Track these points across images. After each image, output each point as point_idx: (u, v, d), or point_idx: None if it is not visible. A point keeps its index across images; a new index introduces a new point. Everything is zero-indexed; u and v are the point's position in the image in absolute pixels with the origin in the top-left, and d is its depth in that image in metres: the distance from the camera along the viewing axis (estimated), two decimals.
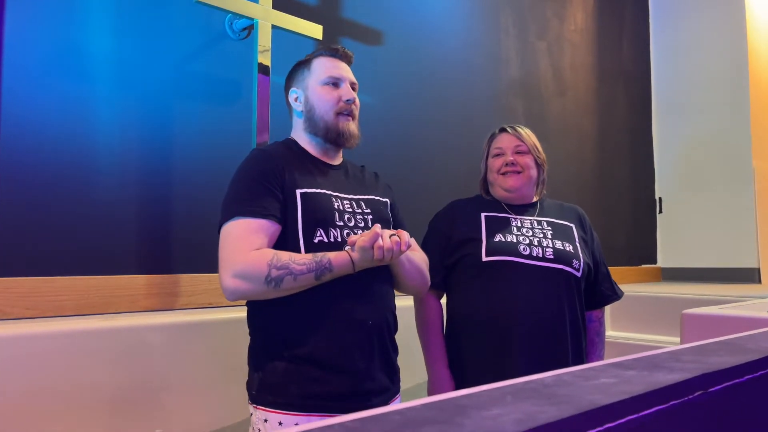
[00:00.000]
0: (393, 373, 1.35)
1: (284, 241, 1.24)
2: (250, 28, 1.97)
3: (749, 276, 3.56)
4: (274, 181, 1.25)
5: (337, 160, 1.43)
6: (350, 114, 1.38)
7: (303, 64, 1.43)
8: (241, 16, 1.89)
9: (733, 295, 2.48)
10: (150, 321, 1.57)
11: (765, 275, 3.55)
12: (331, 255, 1.21)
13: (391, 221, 1.43)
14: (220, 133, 1.94)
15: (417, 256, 1.43)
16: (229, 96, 1.99)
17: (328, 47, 1.44)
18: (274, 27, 1.93)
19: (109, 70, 1.73)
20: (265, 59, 1.89)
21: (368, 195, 1.41)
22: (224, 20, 1.97)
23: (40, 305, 1.54)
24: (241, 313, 1.37)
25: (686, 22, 4.01)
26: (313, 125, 1.38)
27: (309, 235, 1.25)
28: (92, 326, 1.47)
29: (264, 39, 1.90)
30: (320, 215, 1.27)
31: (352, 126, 1.39)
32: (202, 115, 1.91)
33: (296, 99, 1.41)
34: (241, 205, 1.23)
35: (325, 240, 1.26)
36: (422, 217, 1.81)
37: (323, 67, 1.39)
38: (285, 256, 1.18)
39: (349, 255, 1.22)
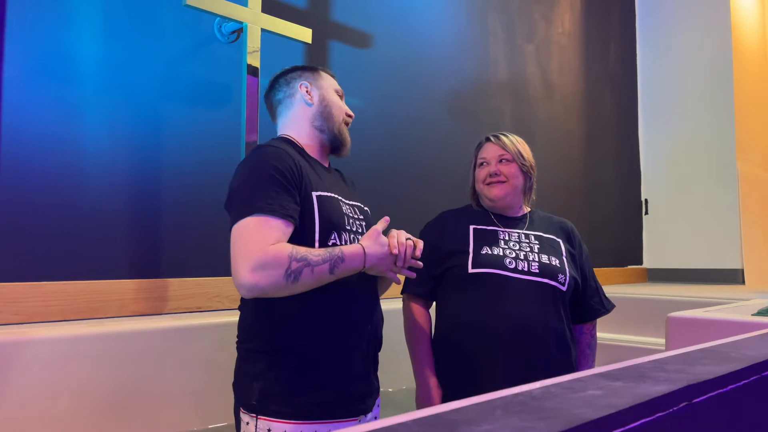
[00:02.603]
0: (376, 373, 1.39)
1: (298, 243, 1.22)
2: (239, 32, 1.97)
3: (733, 277, 3.61)
4: (293, 182, 1.24)
5: (326, 163, 1.44)
6: (347, 126, 1.46)
7: (313, 69, 1.47)
8: (230, 20, 1.89)
9: (717, 296, 2.51)
10: (138, 326, 1.57)
11: (748, 276, 3.60)
12: (344, 246, 1.23)
13: None
14: (209, 135, 1.94)
15: None
16: (218, 99, 1.99)
17: (328, 71, 1.50)
18: (263, 30, 1.93)
19: (98, 74, 1.72)
20: (254, 61, 1.89)
21: (357, 201, 1.44)
22: (213, 24, 1.97)
23: (27, 310, 1.53)
24: (231, 317, 1.37)
25: (672, 26, 4.06)
26: (324, 119, 1.40)
27: (324, 238, 1.26)
28: (80, 331, 1.47)
29: (253, 42, 1.89)
30: (335, 219, 1.28)
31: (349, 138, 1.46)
32: (191, 118, 1.91)
33: (308, 90, 1.41)
34: (260, 202, 1.19)
35: (338, 243, 1.28)
36: (410, 218, 1.81)
37: (332, 80, 1.47)
38: (303, 249, 1.18)
39: (362, 246, 1.23)
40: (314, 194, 1.27)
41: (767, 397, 0.72)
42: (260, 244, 1.15)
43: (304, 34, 2.05)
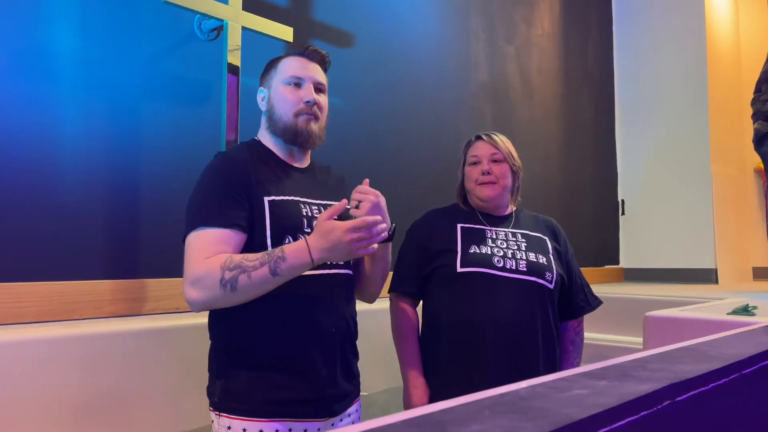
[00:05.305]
0: (353, 378, 1.36)
1: (252, 249, 1.22)
2: (219, 29, 1.94)
3: (707, 276, 3.68)
4: (239, 189, 1.23)
5: (304, 163, 1.41)
6: (311, 114, 1.35)
7: (272, 64, 1.41)
8: (211, 17, 1.86)
9: (692, 296, 2.55)
10: (115, 327, 1.54)
11: (722, 276, 3.67)
12: (286, 245, 1.19)
13: None
14: (189, 134, 1.91)
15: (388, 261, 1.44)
16: (198, 97, 1.96)
17: (297, 46, 1.43)
18: (244, 28, 1.91)
19: (75, 71, 1.69)
20: (234, 59, 1.87)
21: (335, 201, 1.40)
22: (193, 21, 1.94)
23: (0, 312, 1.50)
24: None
25: (648, 30, 4.12)
26: (273, 125, 1.36)
27: (277, 242, 1.23)
28: (55, 333, 1.43)
29: (234, 40, 1.87)
30: (289, 223, 1.26)
31: (313, 126, 1.34)
32: (170, 117, 1.88)
33: (262, 99, 1.39)
34: (204, 215, 1.21)
35: None
36: (391, 216, 1.81)
37: (289, 66, 1.37)
38: (238, 257, 1.16)
39: (305, 239, 1.17)
40: (266, 199, 1.25)
41: (747, 395, 0.73)
42: (197, 259, 1.18)
43: (285, 32, 2.04)
